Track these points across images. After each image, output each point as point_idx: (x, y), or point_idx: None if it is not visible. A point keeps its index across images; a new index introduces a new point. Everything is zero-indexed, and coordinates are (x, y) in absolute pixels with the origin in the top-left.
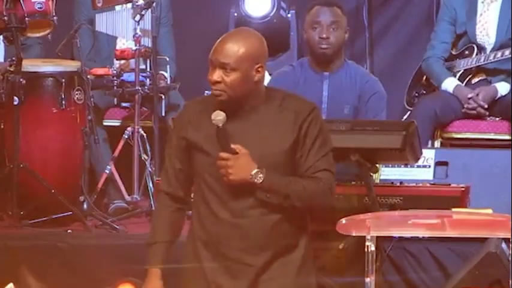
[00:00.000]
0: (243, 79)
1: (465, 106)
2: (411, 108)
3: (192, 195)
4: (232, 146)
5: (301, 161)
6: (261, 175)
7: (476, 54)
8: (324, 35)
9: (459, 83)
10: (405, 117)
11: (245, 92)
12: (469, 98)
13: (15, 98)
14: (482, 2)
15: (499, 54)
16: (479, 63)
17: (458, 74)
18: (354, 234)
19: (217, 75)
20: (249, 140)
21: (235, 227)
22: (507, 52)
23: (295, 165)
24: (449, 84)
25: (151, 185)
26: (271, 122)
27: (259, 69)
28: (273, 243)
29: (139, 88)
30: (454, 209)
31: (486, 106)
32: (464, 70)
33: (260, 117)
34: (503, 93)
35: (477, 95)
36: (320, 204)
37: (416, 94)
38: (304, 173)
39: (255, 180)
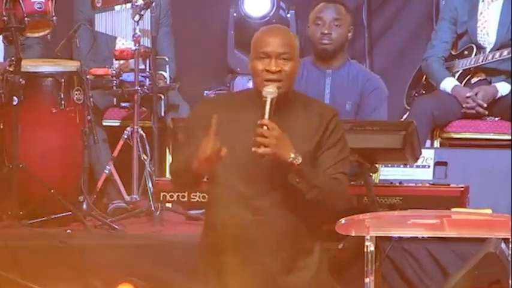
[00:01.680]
0: (296, 69)
1: (464, 106)
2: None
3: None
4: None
5: (322, 159)
6: (299, 157)
7: (476, 54)
8: (326, 31)
9: (457, 83)
10: (404, 117)
11: (292, 86)
12: (468, 97)
13: (15, 98)
14: (483, 1)
15: (498, 54)
16: (478, 63)
17: (457, 74)
18: (353, 234)
19: (276, 64)
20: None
21: (256, 225)
22: (506, 52)
23: (316, 165)
24: (448, 84)
25: (150, 185)
26: (298, 122)
27: (300, 61)
28: (290, 244)
29: (139, 88)
30: (453, 209)
31: (485, 105)
32: (463, 70)
33: (288, 115)
34: (504, 93)
35: (476, 94)
36: (335, 205)
37: (416, 94)
38: (324, 172)
39: (294, 161)
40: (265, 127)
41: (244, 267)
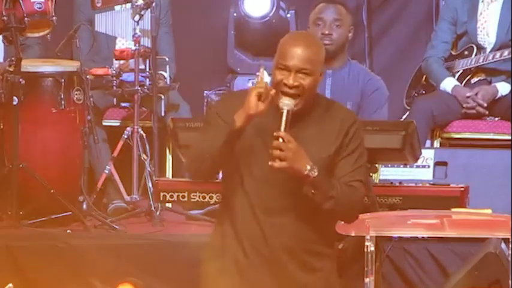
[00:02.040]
0: (316, 83)
1: (464, 106)
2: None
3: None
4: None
5: (340, 166)
6: (316, 170)
7: (476, 55)
8: (327, 31)
9: (458, 83)
10: (404, 117)
11: (312, 95)
12: (468, 97)
13: (15, 98)
14: (482, 1)
15: (498, 54)
16: (479, 64)
17: (457, 74)
18: (353, 235)
19: (294, 79)
20: (298, 141)
21: (271, 226)
22: (506, 53)
23: (334, 170)
24: (448, 84)
25: (150, 185)
26: (318, 127)
27: (322, 74)
28: (306, 246)
29: (139, 88)
30: (453, 209)
31: (485, 105)
32: (464, 70)
33: (309, 120)
34: (504, 93)
35: (476, 94)
36: (351, 214)
37: (416, 94)
38: (341, 179)
39: (310, 174)
40: (281, 139)
41: (262, 267)
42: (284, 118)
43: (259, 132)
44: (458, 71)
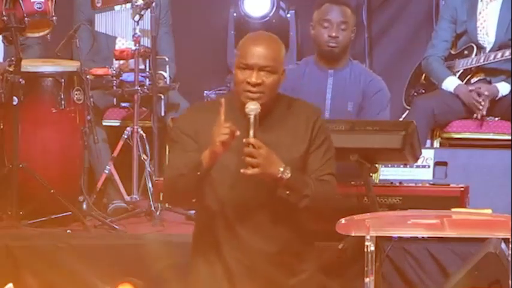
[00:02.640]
0: (278, 81)
1: (467, 102)
2: (410, 107)
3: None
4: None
5: (309, 161)
6: (288, 171)
7: (476, 54)
8: (334, 34)
9: (460, 82)
10: (403, 116)
11: (274, 96)
12: (471, 91)
13: (15, 98)
14: (481, 1)
15: (499, 54)
16: (479, 64)
17: (457, 74)
18: (353, 234)
19: (257, 77)
20: (268, 145)
21: (250, 232)
22: (507, 53)
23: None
24: (450, 83)
25: (150, 185)
26: (284, 127)
27: (283, 72)
28: (286, 250)
29: (139, 88)
30: (453, 209)
31: (487, 94)
32: (464, 70)
33: (273, 121)
34: (504, 94)
35: (479, 88)
36: (328, 207)
37: (415, 93)
38: (312, 174)
39: (283, 176)
40: (251, 146)
41: (244, 274)
42: (252, 123)
43: (233, 149)
44: (458, 71)
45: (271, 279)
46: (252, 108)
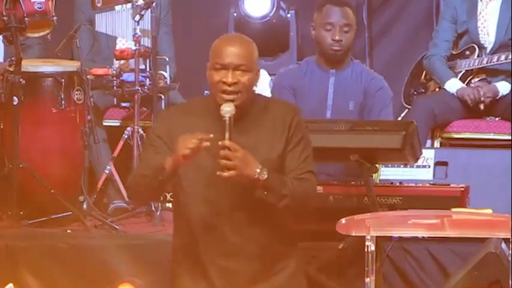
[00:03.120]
0: (254, 80)
1: (470, 98)
2: (409, 106)
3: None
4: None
5: (287, 160)
6: (265, 172)
7: (478, 55)
8: (337, 37)
9: (463, 84)
10: (402, 115)
11: (250, 96)
12: (472, 89)
13: (15, 98)
14: (481, 1)
15: (503, 57)
16: (482, 65)
17: (459, 75)
18: (353, 234)
19: (232, 76)
20: (245, 147)
21: (230, 233)
22: (510, 56)
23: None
24: (453, 85)
25: None
26: (261, 128)
27: (258, 72)
28: (265, 250)
29: (139, 88)
30: (453, 209)
31: (485, 92)
32: (466, 71)
33: (250, 123)
34: (504, 93)
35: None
36: (308, 206)
37: (415, 92)
38: (290, 173)
39: (260, 177)
40: (227, 148)
41: (222, 276)
42: (227, 126)
43: (209, 149)
44: (460, 71)
45: (251, 280)
46: (227, 110)
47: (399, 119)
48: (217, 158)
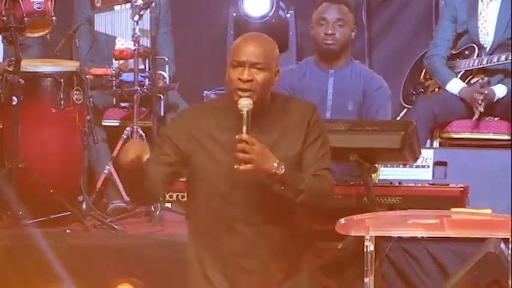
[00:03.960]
0: (271, 79)
1: (470, 100)
2: (408, 106)
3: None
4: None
5: (305, 157)
6: (283, 167)
7: (478, 55)
8: (330, 31)
9: (465, 85)
10: (401, 114)
11: (267, 95)
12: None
13: (14, 98)
14: (482, 1)
15: (503, 57)
16: (482, 65)
17: (459, 75)
18: (353, 234)
19: (248, 73)
20: (264, 144)
21: (249, 234)
22: (510, 56)
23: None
24: (455, 86)
25: None
26: (280, 126)
27: (277, 73)
28: (285, 249)
29: (138, 88)
30: (453, 209)
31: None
32: (465, 71)
33: (269, 121)
34: (501, 96)
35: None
36: (325, 203)
37: (414, 92)
38: (307, 169)
39: (277, 171)
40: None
41: (244, 277)
42: (245, 119)
43: (219, 139)
44: (460, 71)
45: (267, 277)
46: (244, 104)
47: (398, 118)
48: (234, 153)
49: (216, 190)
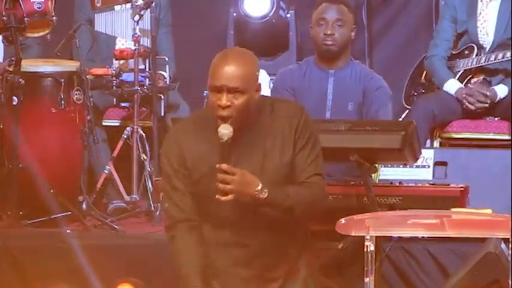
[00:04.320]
0: (250, 100)
1: (468, 101)
2: (409, 107)
3: None
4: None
5: (295, 163)
6: (266, 190)
7: (477, 55)
8: (329, 31)
9: (461, 85)
10: (403, 116)
11: (251, 112)
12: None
13: (14, 98)
14: (481, 1)
15: (500, 55)
16: (480, 64)
17: (458, 74)
18: (353, 234)
19: (226, 99)
20: (251, 153)
21: (242, 248)
22: (508, 54)
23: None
24: (451, 86)
25: (150, 185)
26: (270, 134)
27: (259, 88)
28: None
29: (139, 88)
30: (453, 209)
31: (487, 93)
32: (464, 70)
33: (259, 131)
34: (502, 96)
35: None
36: (317, 209)
37: (415, 93)
38: (299, 175)
39: (261, 196)
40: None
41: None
42: (224, 149)
43: (210, 167)
44: (459, 71)
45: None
46: (224, 133)
47: (400, 119)
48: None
49: (207, 208)
